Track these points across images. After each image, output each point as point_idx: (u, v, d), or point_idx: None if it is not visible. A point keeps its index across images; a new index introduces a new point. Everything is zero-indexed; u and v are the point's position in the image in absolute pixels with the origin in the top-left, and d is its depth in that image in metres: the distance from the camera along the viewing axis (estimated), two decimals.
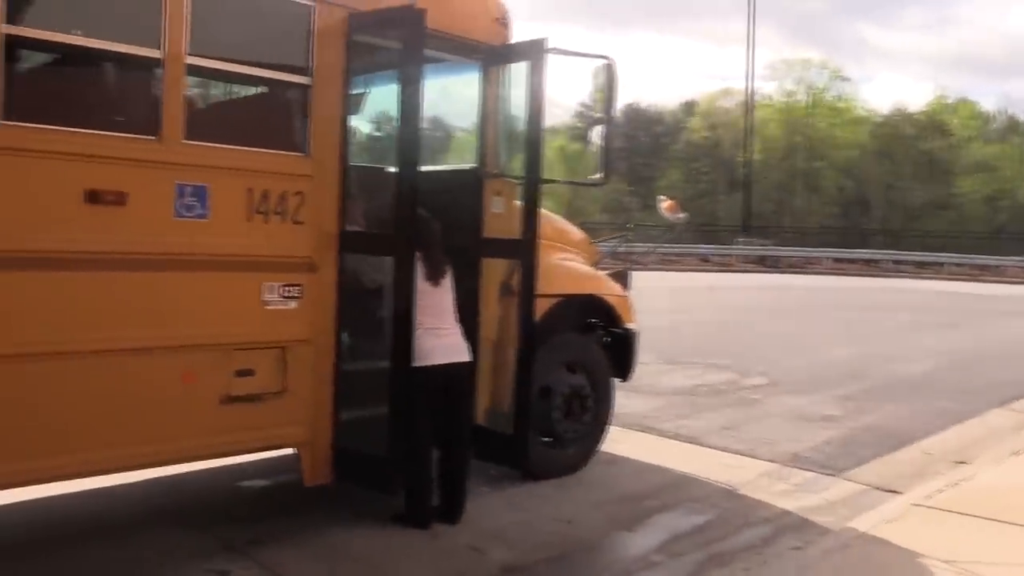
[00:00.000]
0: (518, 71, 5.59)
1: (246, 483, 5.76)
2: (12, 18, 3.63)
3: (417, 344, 4.77)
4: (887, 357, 12.77)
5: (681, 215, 7.27)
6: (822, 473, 6.55)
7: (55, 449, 3.84)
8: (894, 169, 65.23)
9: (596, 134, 6.05)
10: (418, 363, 4.78)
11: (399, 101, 4.73)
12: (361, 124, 6.47)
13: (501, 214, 5.66)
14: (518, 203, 5.58)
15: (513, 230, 5.50)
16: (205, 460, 4.81)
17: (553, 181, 12.55)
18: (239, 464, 5.74)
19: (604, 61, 5.75)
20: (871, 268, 41.56)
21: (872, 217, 64.98)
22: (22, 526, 4.83)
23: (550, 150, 68.21)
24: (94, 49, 4.06)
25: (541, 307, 5.62)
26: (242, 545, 4.63)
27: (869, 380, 10.76)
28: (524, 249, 5.34)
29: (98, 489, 5.10)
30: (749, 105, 48.68)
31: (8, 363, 3.69)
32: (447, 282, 5.02)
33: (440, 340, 4.88)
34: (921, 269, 41.11)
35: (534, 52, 5.38)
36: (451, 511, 5.01)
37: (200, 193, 4.22)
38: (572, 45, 5.75)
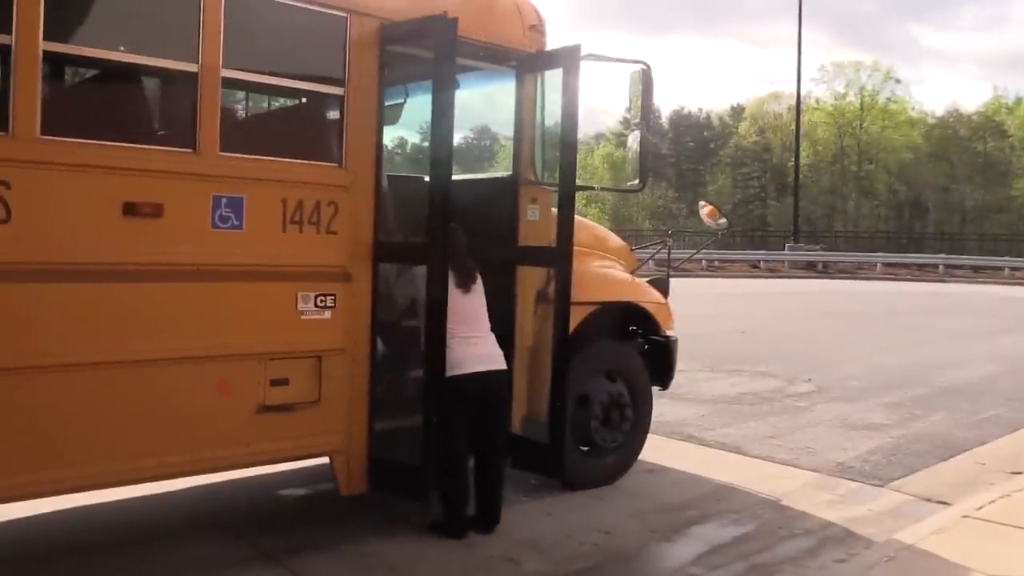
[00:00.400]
0: (554, 78, 5.57)
1: (285, 492, 5.79)
2: (50, 35, 3.70)
3: (450, 354, 4.76)
4: (939, 364, 12.47)
5: (722, 221, 7.17)
6: (868, 483, 6.39)
7: (92, 458, 3.90)
8: (949, 171, 63.87)
9: (633, 140, 6.01)
10: (452, 372, 4.77)
11: (432, 109, 4.73)
12: (397, 134, 6.50)
13: (537, 222, 5.63)
14: (554, 211, 5.54)
15: (549, 238, 5.47)
16: (241, 469, 4.84)
17: (588, 188, 12.47)
18: (279, 472, 5.77)
19: (640, 66, 5.71)
20: (925, 273, 40.71)
21: (926, 221, 63.75)
22: (61, 534, 4.91)
23: (596, 158, 68.34)
24: (131, 64, 4.13)
25: (578, 315, 5.57)
26: (278, 553, 4.64)
27: (920, 387, 10.50)
28: (559, 257, 5.30)
29: (137, 497, 5.16)
30: (798, 108, 47.95)
31: (47, 374, 3.75)
32: (478, 288, 5.01)
33: (473, 349, 4.87)
34: (977, 273, 40.16)
35: (569, 58, 5.34)
36: (486, 520, 4.98)
37: (236, 204, 4.26)
38: (614, 51, 5.76)
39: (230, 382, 4.26)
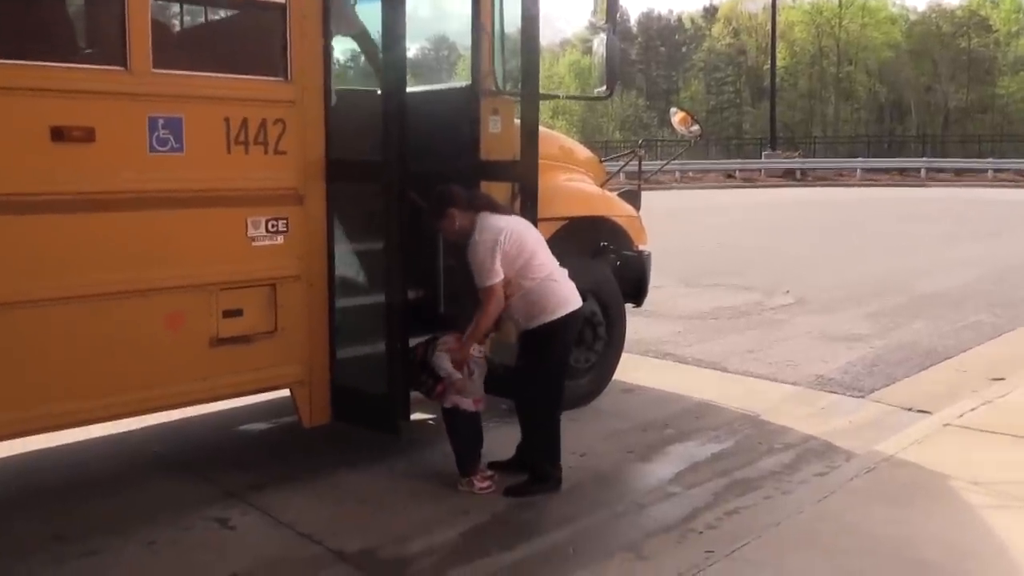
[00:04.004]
0: None
1: (245, 427, 5.82)
2: None
3: (558, 290, 4.62)
4: (921, 271, 12.66)
5: (695, 128, 7.11)
6: (849, 395, 6.54)
7: (38, 399, 3.86)
8: (932, 70, 63.84)
9: (599, 44, 5.91)
10: (566, 311, 4.61)
11: (382, 14, 4.59)
12: (347, 44, 6.34)
13: (499, 134, 5.54)
14: (518, 122, 5.46)
15: (513, 151, 5.39)
16: (197, 405, 4.84)
17: (553, 96, 12.31)
18: (238, 407, 5.76)
19: None
20: (906, 178, 41.03)
21: (908, 123, 63.99)
22: (15, 478, 4.90)
23: (562, 66, 67.44)
24: None
25: (546, 231, 5.52)
26: (241, 490, 4.68)
27: (901, 296, 10.67)
28: (524, 170, 5.23)
29: (92, 439, 5.16)
30: (774, 7, 47.36)
31: None
32: None
33: (570, 284, 4.73)
34: (960, 177, 40.52)
35: None
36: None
37: (174, 125, 4.14)
38: None
39: (180, 315, 4.21)
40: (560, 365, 4.77)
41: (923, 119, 63.49)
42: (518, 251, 4.52)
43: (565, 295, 4.63)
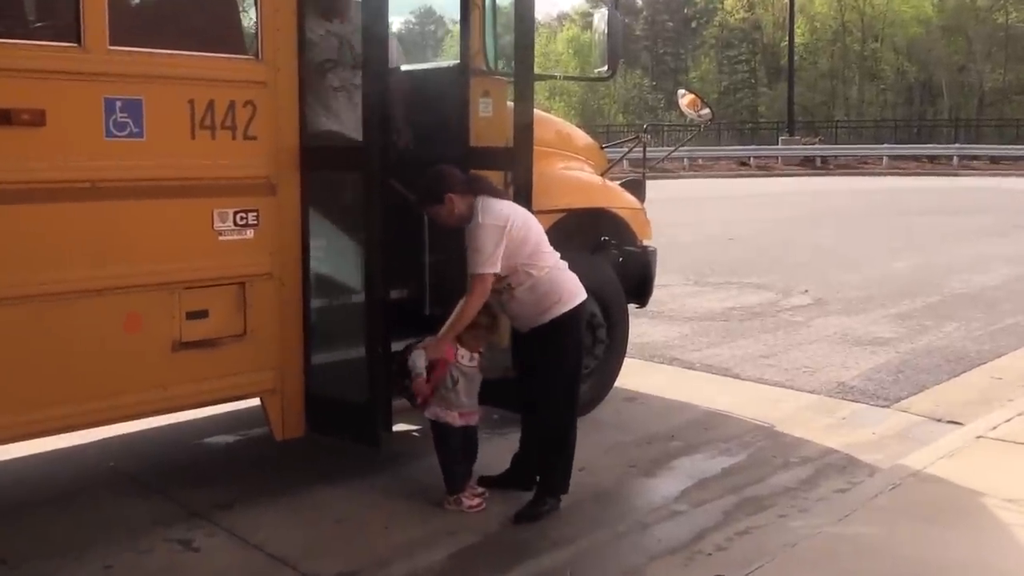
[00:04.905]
0: None
1: (211, 440, 5.82)
2: None
3: (566, 280, 4.64)
4: (952, 268, 12.72)
5: (705, 111, 7.16)
6: (872, 404, 6.58)
7: None
8: (965, 48, 63.89)
9: (600, 18, 5.94)
10: (578, 300, 4.64)
11: None
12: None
13: (490, 118, 5.57)
14: (511, 104, 5.48)
15: (505, 136, 5.41)
16: (159, 415, 4.83)
17: (550, 77, 12.31)
18: (203, 418, 5.78)
19: None
20: (937, 165, 41.23)
21: (939, 106, 64.07)
22: None
23: (560, 42, 67.64)
24: None
25: (542, 224, 5.56)
26: (206, 509, 4.68)
27: (930, 295, 10.73)
28: (517, 158, 5.25)
29: (45, 452, 5.15)
30: None
31: None
32: None
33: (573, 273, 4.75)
34: (996, 164, 40.72)
35: None
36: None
37: (134, 108, 4.15)
38: None
39: (138, 317, 4.21)
40: (574, 363, 4.75)
41: (956, 101, 63.57)
42: (524, 238, 4.52)
43: (574, 285, 4.66)
